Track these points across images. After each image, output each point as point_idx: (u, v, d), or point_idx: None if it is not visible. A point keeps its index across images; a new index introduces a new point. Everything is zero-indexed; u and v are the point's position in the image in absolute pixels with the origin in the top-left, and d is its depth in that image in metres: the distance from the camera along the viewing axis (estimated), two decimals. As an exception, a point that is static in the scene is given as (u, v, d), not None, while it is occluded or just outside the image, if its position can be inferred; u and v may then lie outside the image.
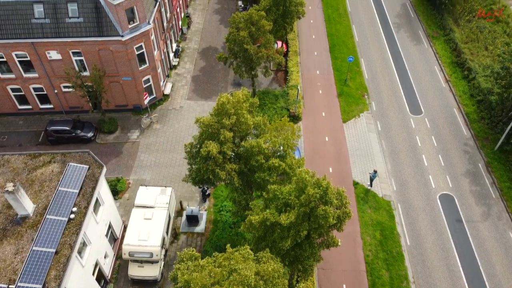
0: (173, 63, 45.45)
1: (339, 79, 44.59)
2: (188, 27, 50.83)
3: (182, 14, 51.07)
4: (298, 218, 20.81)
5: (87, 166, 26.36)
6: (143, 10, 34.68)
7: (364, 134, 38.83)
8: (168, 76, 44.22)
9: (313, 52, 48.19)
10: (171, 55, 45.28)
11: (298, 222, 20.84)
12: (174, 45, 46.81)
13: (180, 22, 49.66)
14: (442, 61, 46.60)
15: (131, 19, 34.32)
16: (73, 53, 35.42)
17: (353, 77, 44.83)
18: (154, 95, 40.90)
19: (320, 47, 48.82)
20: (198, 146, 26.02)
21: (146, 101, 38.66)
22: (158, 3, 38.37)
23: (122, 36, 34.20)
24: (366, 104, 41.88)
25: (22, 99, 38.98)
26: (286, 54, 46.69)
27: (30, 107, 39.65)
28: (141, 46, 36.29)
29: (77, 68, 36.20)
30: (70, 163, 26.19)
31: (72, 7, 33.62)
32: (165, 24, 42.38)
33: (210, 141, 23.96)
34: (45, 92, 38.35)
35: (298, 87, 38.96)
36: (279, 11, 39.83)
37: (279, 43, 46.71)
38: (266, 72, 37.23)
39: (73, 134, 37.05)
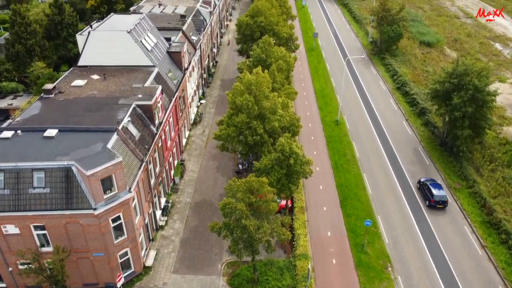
0: (160, 223, 39.10)
1: (354, 244, 37.74)
2: (181, 177, 45.78)
3: (176, 162, 46.49)
4: None
5: None
6: (123, 178, 29.38)
7: (394, 327, 30.52)
8: (152, 240, 37.47)
9: (321, 207, 42.23)
10: (158, 213, 39.18)
11: None
12: (163, 201, 41.05)
13: (172, 172, 44.73)
14: (472, 220, 40.28)
15: (108, 188, 28.80)
16: (35, 227, 29.17)
17: (371, 240, 38.04)
18: (132, 269, 33.59)
19: (330, 201, 43.03)
20: None
21: (119, 284, 31.21)
22: (144, 164, 33.43)
23: (95, 209, 28.31)
24: (391, 279, 34.28)
25: (-32, 278, 31.64)
26: (291, 211, 40.72)
27: (-24, 286, 32.12)
28: (118, 216, 30.21)
29: (38, 243, 29.67)
30: None
31: (39, 175, 28.30)
32: (152, 181, 37.10)
33: None
34: (-4, 270, 31.19)
35: (309, 266, 31.82)
36: (283, 170, 34.75)
37: (283, 200, 41.03)
38: (268, 248, 30.49)
39: (21, 329, 28.86)
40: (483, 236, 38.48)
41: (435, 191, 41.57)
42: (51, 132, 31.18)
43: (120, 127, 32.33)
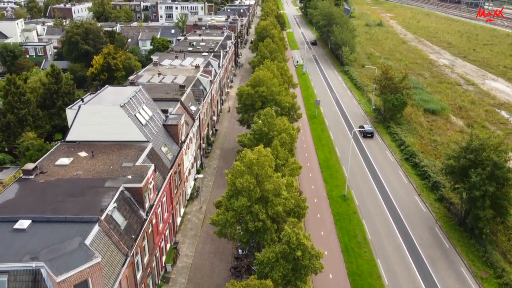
0: (147, 324, 33.80)
1: None
2: (174, 263, 40.96)
3: (168, 245, 41.89)
4: None
5: None
6: (102, 280, 24.91)
7: None
8: None
9: (332, 301, 37.06)
10: (145, 312, 33.99)
11: None
12: (152, 295, 35.98)
13: (163, 258, 40.02)
14: (507, 319, 35.01)
15: (82, 295, 24.25)
16: None
17: None
18: None
19: (341, 293, 37.92)
20: None
21: None
22: (129, 258, 29.01)
23: (64, 321, 23.56)
24: None
25: None
26: (297, 307, 35.43)
27: None
28: (94, 327, 25.31)
29: None
30: None
31: (1, 279, 23.90)
32: (139, 275, 32.37)
33: None
34: None
35: None
36: (289, 265, 30.24)
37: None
38: None
39: None
40: None
41: (366, 128, 72.29)
42: (23, 224, 27.17)
43: (103, 217, 28.39)
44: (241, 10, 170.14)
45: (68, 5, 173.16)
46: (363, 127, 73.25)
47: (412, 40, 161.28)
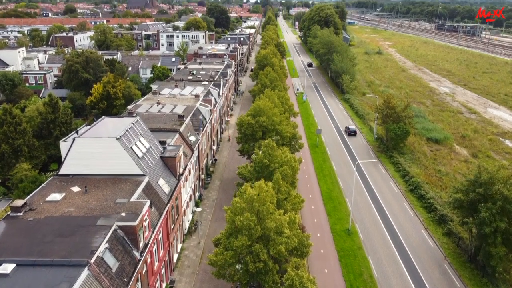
0: None
1: None
2: (170, 304, 38.66)
3: (164, 285, 39.62)
4: None
5: None
6: (89, 333, 22.83)
7: None
8: None
9: None
10: None
11: None
12: None
13: (159, 299, 37.73)
14: None
15: None
16: None
17: None
18: None
19: (347, 339, 35.44)
20: None
21: None
22: (120, 305, 26.92)
23: None
24: None
25: None
26: None
27: None
28: None
29: None
30: None
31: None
32: (131, 321, 30.14)
33: None
34: None
35: None
36: (293, 311, 28.12)
37: None
38: None
39: None
40: None
41: (350, 128, 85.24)
42: (6, 268, 25.28)
43: (93, 259, 26.51)
44: (242, 39, 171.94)
45: (70, 34, 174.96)
46: (348, 128, 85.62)
47: (412, 68, 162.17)
